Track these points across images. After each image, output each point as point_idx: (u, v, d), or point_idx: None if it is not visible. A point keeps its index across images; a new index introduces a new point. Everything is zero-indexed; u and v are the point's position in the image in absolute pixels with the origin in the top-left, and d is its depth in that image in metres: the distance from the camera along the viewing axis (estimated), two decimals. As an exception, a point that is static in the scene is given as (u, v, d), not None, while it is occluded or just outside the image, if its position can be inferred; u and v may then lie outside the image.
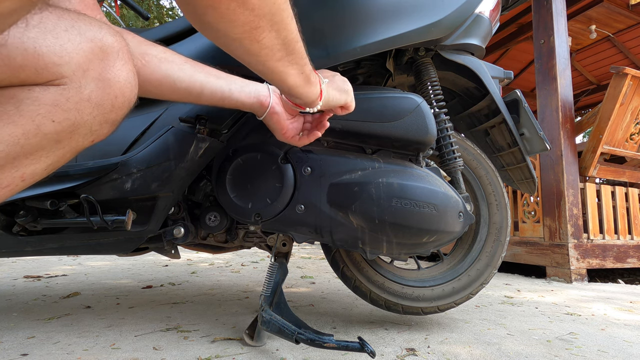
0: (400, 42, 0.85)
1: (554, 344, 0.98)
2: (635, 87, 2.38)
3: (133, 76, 0.42)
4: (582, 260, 2.26)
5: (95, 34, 0.38)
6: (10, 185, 0.37)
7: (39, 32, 0.34)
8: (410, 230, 0.84)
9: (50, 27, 0.35)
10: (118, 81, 0.40)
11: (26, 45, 0.33)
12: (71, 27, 0.36)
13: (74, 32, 0.36)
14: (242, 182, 0.84)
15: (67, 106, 0.36)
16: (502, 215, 1.08)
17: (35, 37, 0.34)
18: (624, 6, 3.47)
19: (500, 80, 1.09)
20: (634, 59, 4.35)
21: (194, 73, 0.65)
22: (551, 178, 2.38)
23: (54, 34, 0.35)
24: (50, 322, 1.07)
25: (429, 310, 1.02)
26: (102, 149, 0.82)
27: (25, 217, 0.75)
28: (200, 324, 1.06)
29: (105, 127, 0.41)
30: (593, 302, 1.61)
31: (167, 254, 0.96)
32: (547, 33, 2.46)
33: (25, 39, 0.33)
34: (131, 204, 0.79)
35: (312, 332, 0.77)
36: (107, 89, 0.39)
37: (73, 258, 2.83)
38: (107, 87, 0.39)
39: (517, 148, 1.09)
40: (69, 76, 0.36)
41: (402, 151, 0.90)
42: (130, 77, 0.41)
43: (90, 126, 0.39)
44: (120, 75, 0.40)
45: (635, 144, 2.59)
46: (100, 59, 0.38)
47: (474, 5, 0.94)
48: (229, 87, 0.68)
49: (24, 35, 0.33)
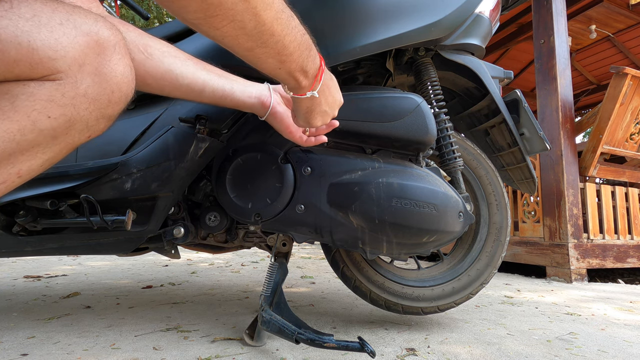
0: (400, 42, 0.85)
1: (554, 343, 0.98)
2: (635, 87, 2.38)
3: (130, 70, 0.41)
4: (582, 260, 2.26)
5: (91, 28, 0.37)
6: (6, 182, 0.37)
7: (33, 26, 0.33)
8: (410, 230, 0.84)
9: (45, 21, 0.34)
10: (115, 76, 0.39)
11: (20, 40, 0.32)
12: (66, 21, 0.35)
13: (69, 25, 0.35)
14: (242, 182, 0.84)
15: (62, 101, 0.36)
16: (502, 215, 1.08)
17: (29, 31, 0.33)
18: (624, 6, 3.47)
19: (500, 80, 1.09)
20: (634, 59, 4.35)
21: (197, 70, 0.64)
22: (551, 178, 2.38)
23: (48, 28, 0.34)
24: (50, 322, 1.07)
25: (429, 310, 1.02)
26: (102, 149, 0.82)
27: (25, 217, 0.75)
28: (200, 324, 1.06)
29: (101, 122, 0.40)
30: (593, 302, 1.61)
31: (167, 254, 0.96)
32: (547, 33, 2.46)
33: (19, 32, 0.32)
34: (131, 204, 0.79)
35: (312, 332, 0.77)
36: (104, 83, 0.38)
37: (73, 258, 2.83)
38: (103, 82, 0.38)
39: (517, 148, 1.09)
40: (64, 71, 0.35)
41: (402, 151, 0.90)
42: (127, 72, 0.41)
43: (87, 122, 0.39)
44: (117, 69, 0.39)
45: (635, 143, 2.59)
46: (96, 53, 0.37)
47: (474, 5, 0.94)
48: (230, 87, 0.68)
49: (17, 28, 0.32)
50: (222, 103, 0.69)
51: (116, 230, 0.79)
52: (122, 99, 0.41)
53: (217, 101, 0.68)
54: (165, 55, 0.61)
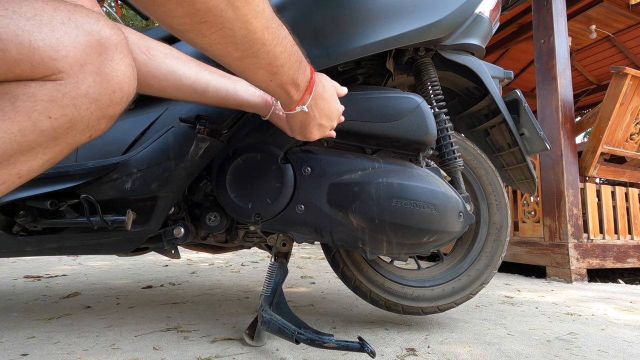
0: (400, 42, 0.85)
1: (554, 344, 0.98)
2: (635, 87, 2.38)
3: (132, 70, 0.41)
4: (582, 260, 2.26)
5: (93, 27, 0.37)
6: (6, 182, 0.36)
7: (34, 25, 0.33)
8: (411, 230, 0.84)
9: (46, 20, 0.33)
10: (116, 75, 0.39)
11: (21, 39, 0.32)
12: (68, 20, 0.35)
13: (71, 24, 0.35)
14: (242, 182, 0.84)
15: (64, 102, 0.35)
16: (502, 215, 1.08)
17: (30, 30, 0.32)
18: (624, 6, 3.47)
19: (500, 80, 1.09)
20: (634, 59, 4.35)
21: (200, 70, 0.64)
22: (551, 178, 2.38)
23: (49, 27, 0.34)
24: (51, 322, 1.07)
25: (429, 310, 1.02)
26: (102, 149, 0.82)
27: (25, 217, 0.75)
28: (200, 324, 1.06)
29: (102, 122, 0.40)
30: (593, 302, 1.61)
31: (167, 254, 0.96)
32: (547, 33, 2.46)
33: (20, 32, 0.32)
34: (131, 204, 0.79)
35: (312, 332, 0.77)
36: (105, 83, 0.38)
37: (73, 258, 2.83)
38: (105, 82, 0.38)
39: (517, 148, 1.09)
40: (65, 71, 0.35)
41: (402, 151, 0.90)
42: (128, 72, 0.40)
43: (88, 122, 0.38)
44: (119, 69, 0.39)
45: (635, 144, 2.59)
46: (98, 53, 0.37)
47: (474, 5, 0.94)
48: (234, 86, 0.67)
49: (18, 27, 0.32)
50: (226, 103, 0.68)
51: (116, 230, 0.79)
52: (123, 99, 0.40)
53: (221, 101, 0.67)
54: (167, 56, 0.60)
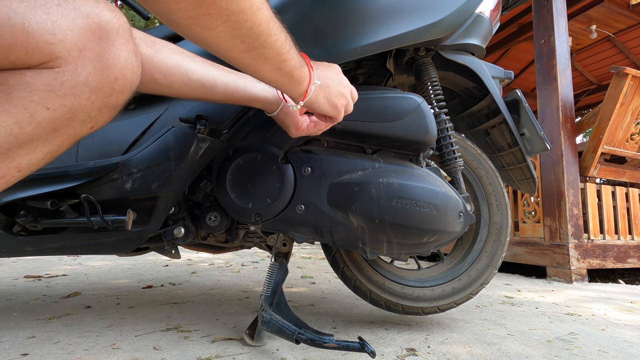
0: (400, 42, 0.85)
1: (554, 344, 0.98)
2: (635, 87, 2.37)
3: (135, 57, 0.38)
4: (582, 260, 2.26)
5: (92, 9, 0.34)
6: (5, 177, 0.35)
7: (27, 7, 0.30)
8: (411, 230, 0.84)
9: (41, 1, 0.31)
10: (118, 62, 0.36)
11: (13, 22, 0.30)
12: (64, 1, 0.33)
13: (68, 6, 0.33)
14: (243, 182, 0.84)
15: (62, 91, 0.33)
16: (503, 216, 1.08)
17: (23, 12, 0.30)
18: (625, 6, 3.47)
19: (500, 80, 1.09)
20: (635, 59, 4.34)
21: (206, 66, 0.62)
22: (551, 178, 2.37)
23: (44, 9, 0.31)
24: (51, 322, 1.07)
25: (429, 310, 1.02)
26: (103, 149, 0.82)
27: (25, 217, 0.75)
28: (200, 324, 1.06)
29: (105, 112, 0.38)
30: (593, 302, 1.60)
31: (168, 254, 0.96)
32: (547, 33, 2.46)
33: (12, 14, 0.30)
34: (131, 204, 0.79)
35: (312, 332, 0.77)
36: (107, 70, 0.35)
37: (73, 258, 2.83)
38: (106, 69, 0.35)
39: (518, 148, 1.09)
40: (63, 57, 0.33)
41: (403, 151, 0.90)
42: (131, 58, 0.38)
43: (89, 112, 0.36)
44: (121, 55, 0.36)
45: (635, 144, 2.58)
46: (98, 37, 0.34)
47: (474, 5, 0.94)
48: (243, 81, 0.66)
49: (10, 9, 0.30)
50: (235, 98, 0.66)
51: (116, 230, 0.79)
52: (126, 87, 0.38)
53: (230, 96, 0.66)
54: (172, 51, 0.59)
